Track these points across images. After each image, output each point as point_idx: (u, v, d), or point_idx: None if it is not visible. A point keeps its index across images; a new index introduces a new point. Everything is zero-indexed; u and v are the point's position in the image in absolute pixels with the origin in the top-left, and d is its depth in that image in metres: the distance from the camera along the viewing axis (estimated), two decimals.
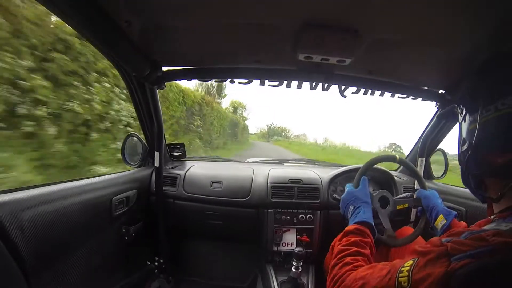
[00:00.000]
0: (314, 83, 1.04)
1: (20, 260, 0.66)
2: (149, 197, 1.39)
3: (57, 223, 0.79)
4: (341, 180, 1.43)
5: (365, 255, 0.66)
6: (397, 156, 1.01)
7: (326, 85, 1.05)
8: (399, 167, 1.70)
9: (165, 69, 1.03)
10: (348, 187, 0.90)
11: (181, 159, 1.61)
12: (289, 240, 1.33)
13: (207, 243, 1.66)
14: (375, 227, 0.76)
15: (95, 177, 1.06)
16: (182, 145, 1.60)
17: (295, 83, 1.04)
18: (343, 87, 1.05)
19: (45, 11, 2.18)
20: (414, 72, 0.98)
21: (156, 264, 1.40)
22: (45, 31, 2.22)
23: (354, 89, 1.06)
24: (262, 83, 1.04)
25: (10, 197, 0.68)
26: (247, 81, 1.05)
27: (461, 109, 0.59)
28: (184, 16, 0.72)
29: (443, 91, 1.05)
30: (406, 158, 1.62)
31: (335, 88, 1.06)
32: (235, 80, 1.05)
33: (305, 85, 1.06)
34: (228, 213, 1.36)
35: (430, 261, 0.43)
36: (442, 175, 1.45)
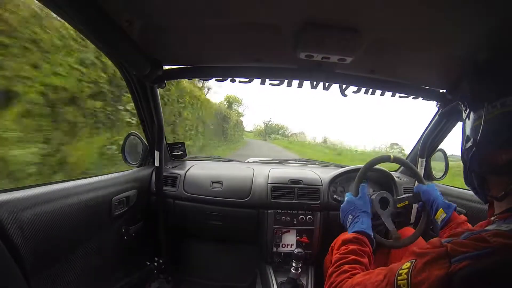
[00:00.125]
0: (314, 82, 1.04)
1: (19, 259, 0.65)
2: (149, 197, 1.39)
3: (57, 222, 0.79)
4: (342, 180, 1.43)
5: (363, 263, 0.66)
6: (391, 155, 1.01)
7: (326, 84, 1.05)
8: (400, 168, 1.69)
9: (165, 68, 1.03)
10: (348, 196, 0.90)
11: (182, 158, 1.61)
12: (289, 241, 1.33)
13: (207, 243, 1.66)
14: (376, 228, 0.76)
15: (95, 176, 1.05)
16: (182, 144, 1.60)
17: (295, 82, 1.04)
18: (343, 86, 1.05)
19: None
20: (414, 71, 0.98)
21: (156, 264, 1.39)
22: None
23: (354, 88, 1.06)
24: (263, 82, 1.04)
25: (9, 196, 0.67)
26: (248, 80, 1.05)
27: (465, 106, 0.59)
28: (184, 15, 0.72)
29: (444, 91, 1.05)
30: (406, 158, 1.61)
31: (335, 87, 1.06)
32: (236, 79, 1.05)
33: (306, 84, 1.06)
34: (228, 213, 1.36)
35: (429, 263, 0.42)
36: (442, 176, 1.45)
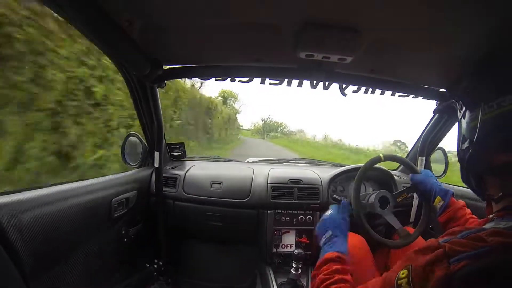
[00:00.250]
0: (314, 82, 1.04)
1: (19, 262, 0.64)
2: (149, 198, 1.38)
3: (56, 225, 0.78)
4: (341, 180, 1.43)
5: (348, 281, 0.64)
6: (381, 155, 1.01)
7: (326, 84, 1.05)
8: (399, 166, 1.70)
9: (165, 67, 1.03)
10: (333, 208, 0.87)
11: (181, 159, 1.61)
12: (289, 241, 1.33)
13: (207, 244, 1.65)
14: (376, 228, 0.76)
15: (94, 178, 1.04)
16: (182, 145, 1.60)
17: (295, 82, 1.04)
18: (343, 86, 1.05)
19: None
20: (414, 71, 0.98)
21: (155, 266, 1.39)
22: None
23: (354, 88, 1.06)
24: (262, 82, 1.04)
25: (9, 199, 0.66)
26: (247, 79, 1.05)
27: (460, 105, 0.58)
28: (184, 15, 0.72)
29: (443, 90, 1.05)
30: (406, 157, 1.62)
31: (335, 87, 1.06)
32: (236, 78, 1.05)
33: (306, 83, 1.06)
34: (228, 214, 1.35)
35: (429, 265, 0.42)
36: (442, 174, 1.46)
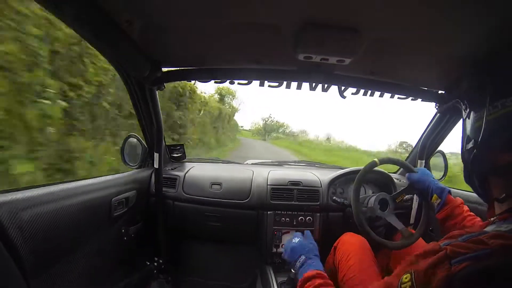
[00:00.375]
0: (313, 84, 1.04)
1: (19, 260, 0.65)
2: (148, 198, 1.39)
3: (57, 223, 0.79)
4: (341, 182, 1.43)
5: None
6: (376, 160, 1.03)
7: (325, 86, 1.05)
8: (399, 169, 1.69)
9: (164, 69, 1.04)
10: (298, 236, 0.91)
11: (181, 160, 1.62)
12: None
13: (207, 244, 1.66)
14: (376, 230, 0.76)
15: (94, 177, 1.06)
16: (182, 146, 1.61)
17: (294, 84, 1.04)
18: (342, 88, 1.05)
19: None
20: (414, 72, 0.98)
21: (155, 264, 1.40)
22: None
23: (353, 90, 1.06)
24: (261, 84, 1.04)
25: (9, 197, 0.67)
26: (246, 82, 1.05)
27: (464, 105, 0.58)
28: (184, 15, 0.72)
29: (442, 92, 1.05)
30: (406, 160, 1.61)
31: (334, 89, 1.06)
32: (235, 80, 1.06)
33: (305, 86, 1.06)
34: (227, 214, 1.36)
35: (430, 268, 0.42)
36: (441, 177, 1.45)
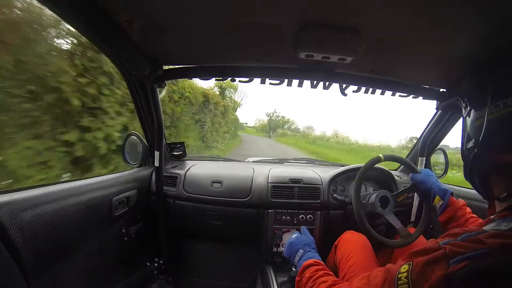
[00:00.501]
0: (315, 82, 1.04)
1: (20, 260, 0.65)
2: (149, 197, 1.39)
3: (57, 223, 0.78)
4: (341, 179, 1.43)
5: (332, 275, 0.66)
6: (381, 156, 1.03)
7: (326, 84, 1.05)
8: (399, 167, 1.70)
9: (165, 67, 1.03)
10: (296, 233, 0.94)
11: (181, 158, 1.61)
12: None
13: (207, 243, 1.66)
14: (376, 228, 0.76)
15: (95, 177, 1.05)
16: (182, 144, 1.60)
17: (296, 82, 1.04)
18: (343, 86, 1.05)
19: None
20: (414, 70, 0.98)
21: (156, 264, 1.39)
22: None
23: (354, 88, 1.06)
24: (263, 82, 1.04)
25: (9, 197, 0.67)
26: (247, 79, 1.05)
27: (465, 103, 0.58)
28: (184, 15, 0.72)
29: (444, 90, 1.05)
30: (406, 157, 1.62)
31: (335, 86, 1.06)
32: (236, 78, 1.05)
33: (306, 83, 1.06)
34: (228, 213, 1.36)
35: (428, 265, 0.42)
36: (442, 174, 1.45)
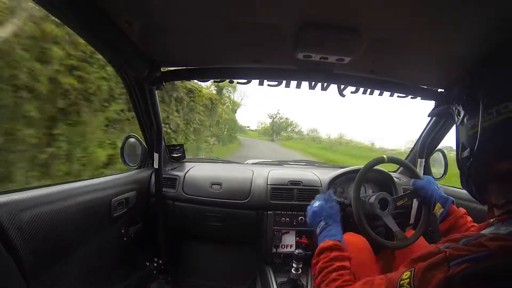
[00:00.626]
0: (313, 83, 1.04)
1: (19, 260, 0.65)
2: (148, 198, 1.39)
3: (56, 224, 0.79)
4: (341, 181, 1.43)
5: (347, 267, 0.66)
6: (385, 156, 1.03)
7: (325, 85, 1.05)
8: (399, 168, 1.69)
9: (164, 69, 1.04)
10: (319, 199, 0.88)
11: (181, 160, 1.62)
12: (289, 242, 1.33)
13: (207, 244, 1.66)
14: (376, 230, 0.76)
15: (94, 178, 1.06)
16: (181, 146, 1.61)
17: (294, 83, 1.04)
18: (342, 87, 1.05)
19: None
20: (414, 71, 0.98)
21: (155, 265, 1.39)
22: None
23: (353, 89, 1.06)
24: (261, 83, 1.04)
25: (8, 198, 0.67)
26: (246, 81, 1.05)
27: (457, 111, 0.57)
28: (184, 16, 0.72)
29: (442, 90, 1.05)
30: (405, 158, 1.61)
31: (334, 87, 1.06)
32: (234, 80, 1.06)
33: (304, 84, 1.06)
34: (227, 214, 1.36)
35: (429, 269, 0.43)
36: (441, 176, 1.45)
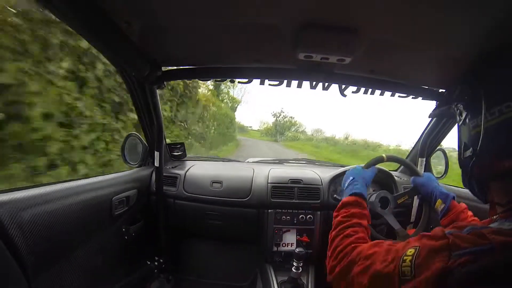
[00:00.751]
0: (314, 83, 1.04)
1: (20, 259, 0.66)
2: (149, 196, 1.39)
3: (57, 222, 0.79)
4: (342, 180, 1.43)
5: (363, 225, 0.69)
6: (384, 155, 1.04)
7: (326, 85, 1.05)
8: (399, 167, 1.69)
9: (164, 69, 1.03)
10: (358, 166, 0.98)
11: (181, 158, 1.62)
12: (289, 240, 1.33)
13: (207, 242, 1.66)
14: (377, 228, 0.77)
15: (95, 176, 1.06)
16: (182, 144, 1.61)
17: (295, 83, 1.04)
18: (343, 86, 1.05)
19: None
20: (414, 71, 0.98)
21: (156, 263, 1.40)
22: None
23: (354, 89, 1.06)
24: (262, 83, 1.04)
25: (9, 196, 0.68)
26: (247, 80, 1.05)
27: (459, 111, 0.57)
28: (184, 16, 0.72)
29: (443, 90, 1.05)
30: (406, 157, 1.61)
31: (335, 87, 1.06)
32: (235, 79, 1.06)
33: (305, 84, 1.06)
34: (228, 213, 1.36)
35: (431, 253, 0.43)
36: (442, 175, 1.45)
